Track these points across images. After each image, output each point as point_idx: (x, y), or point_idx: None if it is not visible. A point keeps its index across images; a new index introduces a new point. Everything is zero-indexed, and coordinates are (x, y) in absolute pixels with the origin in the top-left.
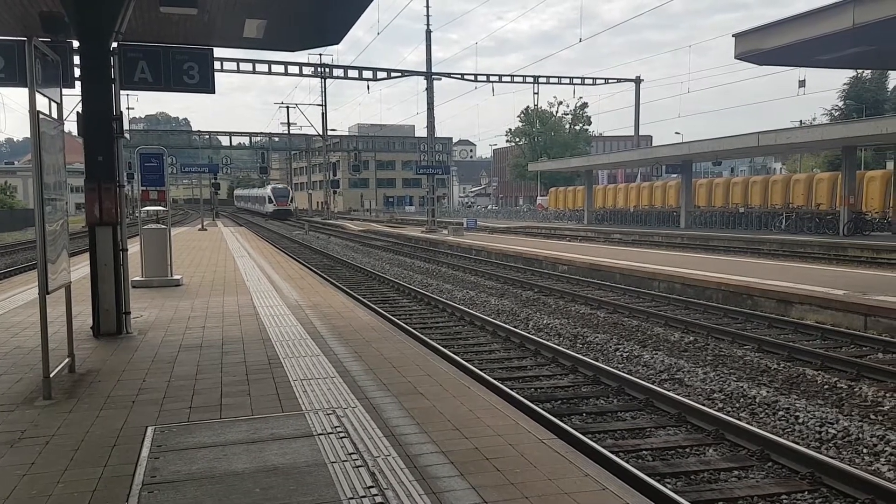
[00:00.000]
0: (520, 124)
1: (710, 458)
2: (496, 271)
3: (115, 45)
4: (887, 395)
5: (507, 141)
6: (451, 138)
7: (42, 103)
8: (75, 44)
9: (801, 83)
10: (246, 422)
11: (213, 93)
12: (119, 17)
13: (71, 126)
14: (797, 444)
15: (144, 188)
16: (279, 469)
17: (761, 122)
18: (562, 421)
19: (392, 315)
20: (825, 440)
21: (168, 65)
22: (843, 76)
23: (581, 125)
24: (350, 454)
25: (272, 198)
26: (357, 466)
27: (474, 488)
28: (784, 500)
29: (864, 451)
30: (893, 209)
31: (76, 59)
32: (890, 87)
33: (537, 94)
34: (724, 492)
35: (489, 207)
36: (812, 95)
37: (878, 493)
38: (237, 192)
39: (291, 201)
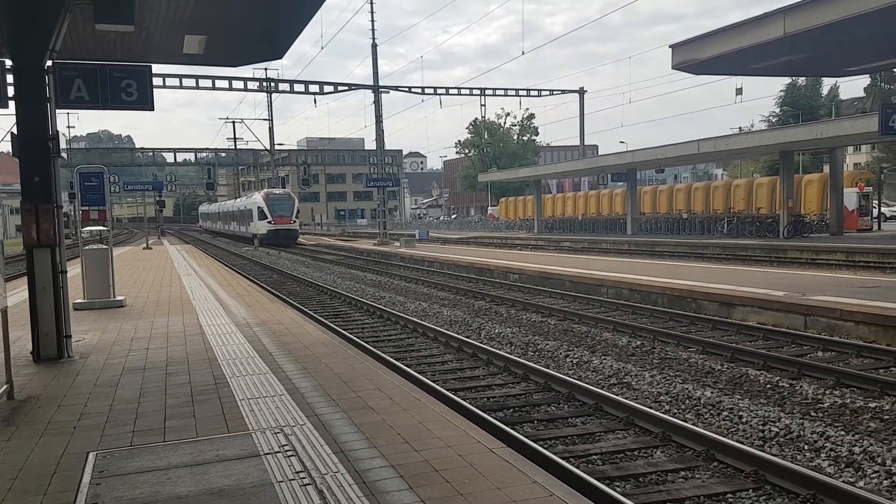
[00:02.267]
0: (469, 136)
1: (658, 459)
2: (448, 282)
3: (49, 63)
4: (827, 392)
5: (457, 152)
6: (400, 150)
7: None
8: (8, 63)
9: (739, 91)
10: (190, 444)
11: (153, 110)
12: (53, 35)
13: (6, 146)
14: (741, 443)
15: (85, 208)
16: (224, 491)
17: (702, 130)
18: (513, 429)
19: (343, 329)
20: (768, 438)
21: (105, 82)
22: (779, 83)
23: (529, 136)
24: (298, 472)
25: (266, 211)
26: (305, 485)
27: (423, 501)
28: (729, 499)
29: (806, 447)
30: (830, 211)
31: (10, 79)
32: (824, 92)
33: (484, 105)
34: (672, 493)
35: (441, 218)
36: (749, 102)
37: (819, 488)
38: (203, 208)
39: (297, 215)
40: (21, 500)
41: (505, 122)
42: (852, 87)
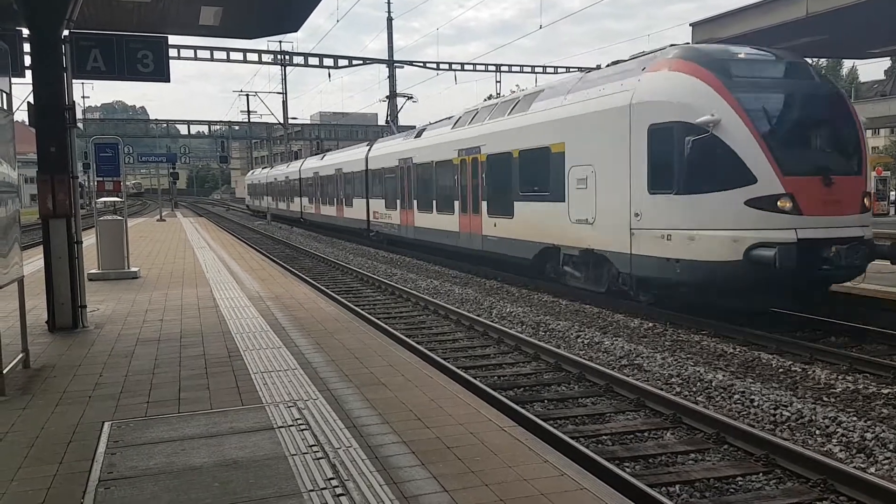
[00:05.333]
0: None
1: (668, 441)
2: (460, 260)
3: (66, 32)
4: (840, 377)
5: None
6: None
7: None
8: (25, 32)
9: None
10: (205, 416)
11: (168, 81)
12: (70, 3)
13: (23, 116)
14: (752, 426)
15: (100, 179)
16: (238, 463)
17: None
18: (523, 408)
19: (355, 305)
20: (779, 422)
21: (122, 53)
22: None
23: None
24: (311, 446)
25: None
26: (318, 458)
27: (435, 477)
28: (739, 482)
29: (817, 432)
30: None
31: (27, 48)
32: (843, 74)
33: (499, 82)
34: (681, 474)
35: None
36: None
37: (830, 473)
38: (254, 176)
39: None
40: (37, 470)
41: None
42: (871, 69)
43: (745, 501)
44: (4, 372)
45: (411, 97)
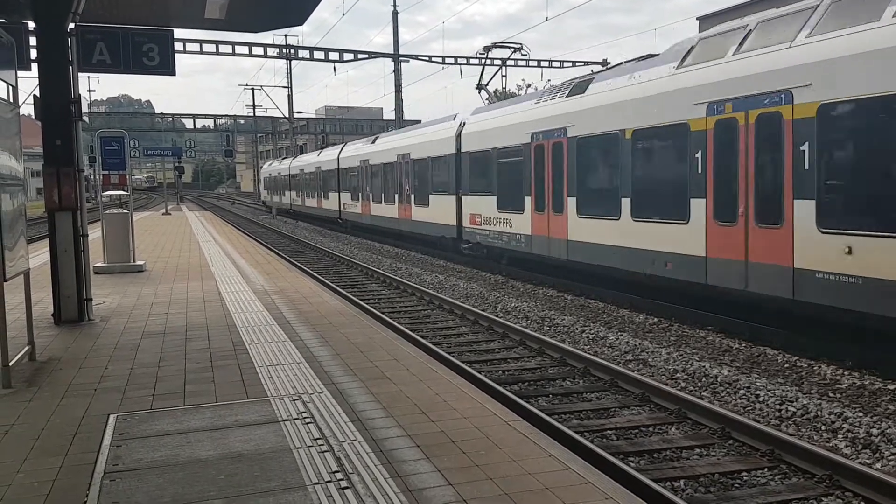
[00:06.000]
0: None
1: (673, 436)
2: (465, 255)
3: (72, 26)
4: (845, 373)
5: None
6: (419, 120)
7: None
8: (31, 25)
9: None
10: (210, 408)
11: (174, 75)
12: None
13: (29, 109)
14: (757, 422)
15: (106, 172)
16: (243, 455)
17: None
18: (528, 403)
19: (360, 299)
20: (785, 418)
21: (127, 46)
22: None
23: None
24: (316, 439)
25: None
26: (322, 452)
27: (440, 471)
28: (744, 477)
29: (823, 428)
30: None
31: (33, 41)
32: None
33: (505, 76)
34: (686, 469)
35: None
36: None
37: (835, 468)
38: (273, 168)
39: None
40: (43, 461)
41: (525, 94)
42: None
43: (751, 497)
44: (10, 364)
45: (520, 47)
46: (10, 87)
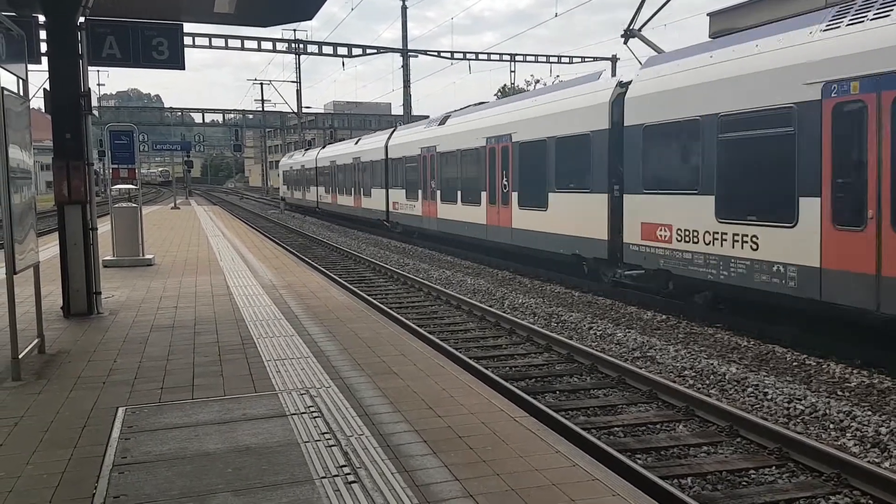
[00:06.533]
0: None
1: (680, 433)
2: (472, 250)
3: (82, 19)
4: (854, 371)
5: None
6: (428, 116)
7: (7, 80)
8: (41, 18)
9: None
10: (218, 402)
11: (183, 69)
12: None
13: (39, 103)
14: (765, 419)
15: (115, 166)
16: (251, 449)
17: None
18: (535, 399)
19: (368, 295)
20: (793, 416)
21: (137, 40)
22: None
23: None
24: (323, 434)
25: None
26: (330, 446)
27: (447, 466)
28: (752, 475)
29: (831, 426)
30: None
31: (43, 35)
32: None
33: (514, 71)
34: (693, 467)
35: None
36: None
37: (843, 467)
38: (296, 160)
39: None
40: (51, 454)
41: (534, 89)
42: None
43: (758, 494)
44: (20, 357)
45: None
46: (21, 81)
